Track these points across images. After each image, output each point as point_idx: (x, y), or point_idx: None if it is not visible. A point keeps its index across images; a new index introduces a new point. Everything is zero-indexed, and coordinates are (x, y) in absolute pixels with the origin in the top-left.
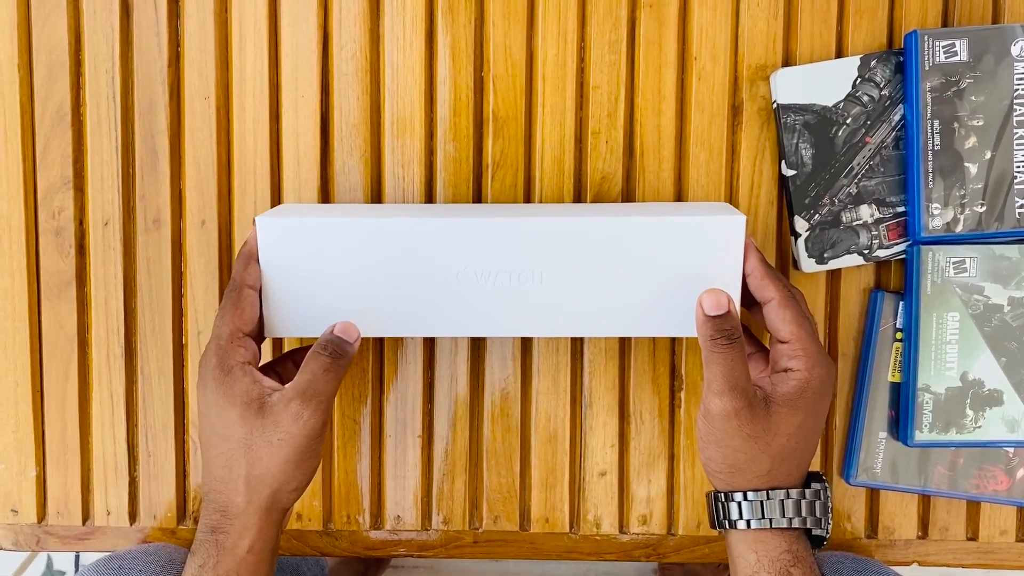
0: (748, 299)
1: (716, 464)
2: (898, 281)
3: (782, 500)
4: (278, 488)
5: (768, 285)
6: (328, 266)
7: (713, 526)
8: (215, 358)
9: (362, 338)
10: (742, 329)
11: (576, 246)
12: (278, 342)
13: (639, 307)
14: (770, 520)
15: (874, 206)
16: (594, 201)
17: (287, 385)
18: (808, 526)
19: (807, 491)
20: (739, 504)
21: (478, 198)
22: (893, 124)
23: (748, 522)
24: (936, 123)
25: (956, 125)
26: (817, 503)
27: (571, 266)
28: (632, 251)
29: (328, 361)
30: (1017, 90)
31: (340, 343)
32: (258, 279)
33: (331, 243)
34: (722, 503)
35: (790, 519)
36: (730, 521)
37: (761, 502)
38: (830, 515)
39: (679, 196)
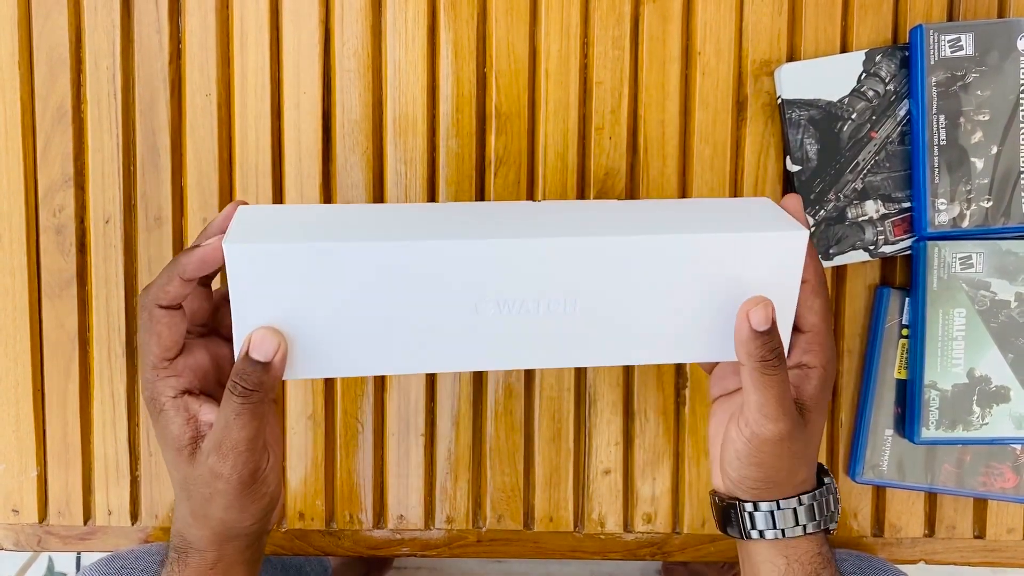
0: None
1: (753, 482)
2: (904, 277)
3: (811, 504)
4: (230, 526)
5: (809, 264)
6: (315, 298)
7: (727, 532)
8: (146, 391)
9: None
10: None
11: (613, 268)
12: None
13: (682, 331)
14: (804, 527)
15: (879, 202)
16: (597, 197)
17: (207, 435)
18: (832, 523)
19: (827, 488)
20: (771, 514)
21: (481, 195)
22: (898, 119)
23: (783, 531)
24: (942, 118)
25: (962, 120)
26: (832, 497)
27: (607, 290)
28: (677, 271)
29: (238, 404)
30: (1023, 84)
31: (250, 375)
32: (176, 295)
33: (318, 272)
34: (748, 513)
35: (822, 520)
36: (758, 531)
37: (793, 509)
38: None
39: (683, 192)
